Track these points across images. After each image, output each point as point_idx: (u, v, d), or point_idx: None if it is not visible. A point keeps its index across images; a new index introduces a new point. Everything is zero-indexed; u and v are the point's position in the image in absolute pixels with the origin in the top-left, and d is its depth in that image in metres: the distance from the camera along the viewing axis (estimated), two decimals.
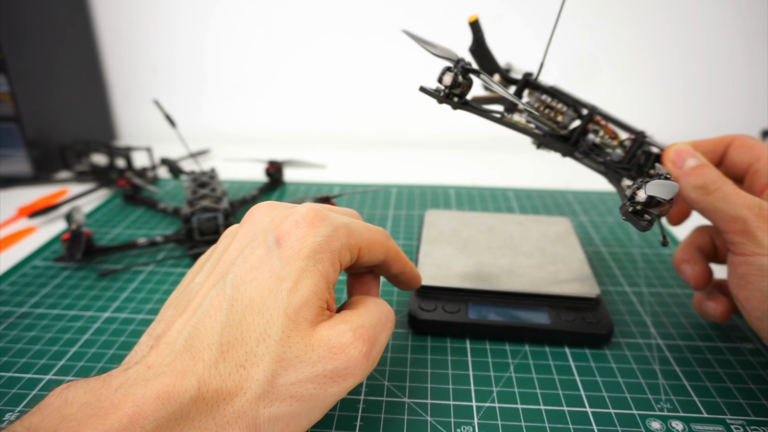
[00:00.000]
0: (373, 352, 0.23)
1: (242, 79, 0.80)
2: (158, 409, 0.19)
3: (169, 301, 0.26)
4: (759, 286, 0.26)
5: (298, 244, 0.23)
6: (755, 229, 0.26)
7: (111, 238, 0.49)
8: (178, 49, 0.78)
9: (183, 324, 0.22)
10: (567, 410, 0.29)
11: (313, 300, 0.23)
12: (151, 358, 0.21)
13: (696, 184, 0.29)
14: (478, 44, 0.32)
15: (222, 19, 0.76)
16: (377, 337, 0.24)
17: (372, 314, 0.25)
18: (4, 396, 0.30)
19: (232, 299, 0.22)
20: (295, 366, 0.22)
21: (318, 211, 0.25)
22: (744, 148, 0.31)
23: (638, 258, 0.45)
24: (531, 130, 0.33)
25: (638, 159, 0.33)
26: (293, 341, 0.22)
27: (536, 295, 0.36)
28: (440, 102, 0.30)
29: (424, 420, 0.28)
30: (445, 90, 0.30)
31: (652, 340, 0.35)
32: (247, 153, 0.68)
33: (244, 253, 0.24)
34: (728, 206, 0.27)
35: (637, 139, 0.32)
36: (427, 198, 0.58)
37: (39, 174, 0.63)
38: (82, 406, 0.19)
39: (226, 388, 0.21)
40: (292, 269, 0.23)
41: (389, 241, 0.28)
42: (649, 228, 0.27)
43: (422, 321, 0.34)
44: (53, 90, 0.67)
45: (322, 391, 0.22)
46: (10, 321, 0.36)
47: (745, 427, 0.28)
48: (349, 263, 0.26)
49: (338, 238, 0.24)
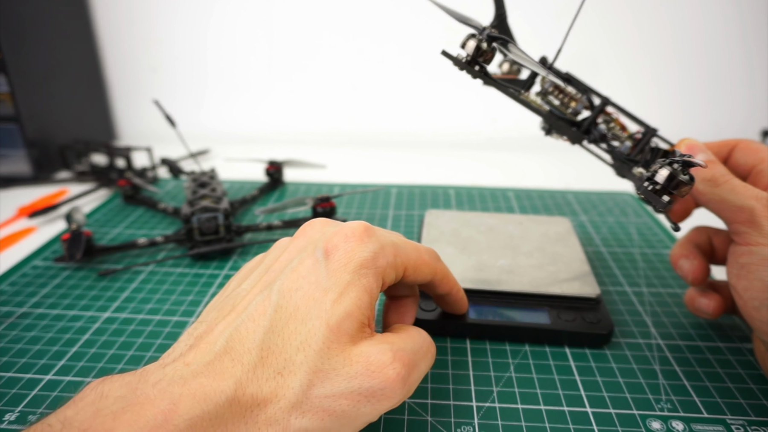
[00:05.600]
0: (411, 377, 0.23)
1: (242, 79, 0.80)
2: (193, 407, 0.19)
3: (212, 304, 0.26)
4: (759, 276, 0.27)
5: (345, 257, 0.24)
6: (762, 218, 0.27)
7: (111, 238, 0.49)
8: (178, 49, 0.78)
9: (226, 325, 0.22)
10: (567, 410, 0.29)
11: (356, 314, 0.23)
12: (190, 356, 0.21)
13: (705, 176, 0.29)
14: (500, 20, 0.30)
15: (222, 18, 0.76)
16: (417, 363, 0.24)
17: (414, 341, 0.25)
18: (4, 396, 0.30)
19: (277, 305, 0.23)
20: (331, 378, 0.21)
21: (368, 227, 0.25)
22: (748, 151, 0.31)
23: (638, 258, 0.45)
24: (544, 111, 0.32)
25: (645, 154, 0.32)
26: (332, 353, 0.22)
27: (536, 295, 0.36)
28: (461, 68, 0.29)
29: (424, 420, 0.28)
30: (468, 57, 0.29)
31: (653, 340, 0.35)
32: (247, 153, 0.68)
33: (293, 263, 0.25)
34: (736, 197, 0.28)
35: (648, 132, 0.32)
36: (427, 198, 0.58)
37: (39, 174, 0.63)
38: (117, 400, 0.19)
39: (261, 394, 0.21)
40: (338, 281, 0.23)
41: (438, 263, 0.28)
42: (669, 208, 0.27)
43: (422, 321, 0.34)
44: (53, 90, 0.67)
45: (355, 409, 0.22)
46: (10, 321, 0.36)
47: (746, 427, 0.28)
48: (394, 281, 0.26)
49: (385, 255, 0.25)
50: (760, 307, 0.27)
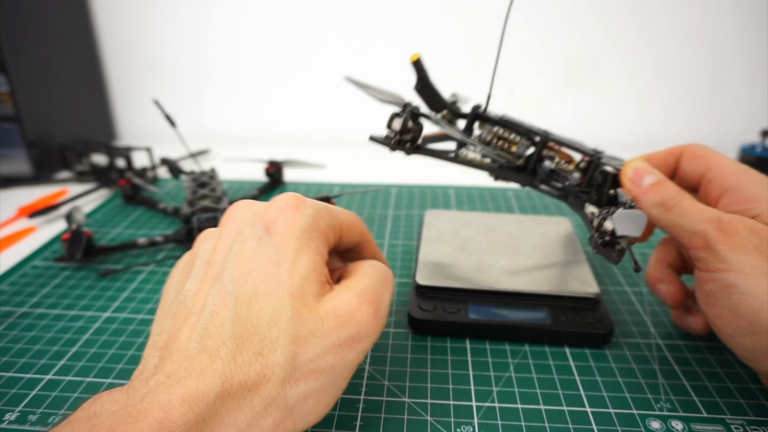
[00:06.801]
0: (380, 312, 0.24)
1: (242, 79, 0.80)
2: (186, 412, 0.19)
3: (161, 314, 0.25)
4: (727, 304, 0.26)
5: (287, 227, 0.24)
6: (716, 243, 0.26)
7: (111, 238, 0.49)
8: (178, 49, 0.78)
9: (191, 329, 0.22)
10: (567, 410, 0.29)
11: (313, 275, 0.23)
12: (168, 367, 0.21)
13: (655, 201, 0.28)
14: (422, 83, 0.32)
15: (222, 19, 0.76)
16: (381, 297, 0.24)
17: (371, 277, 0.25)
18: (4, 396, 0.30)
19: (235, 293, 0.23)
20: (310, 341, 0.22)
21: (298, 196, 0.26)
22: (694, 158, 0.30)
23: (638, 258, 0.45)
24: (486, 164, 0.33)
25: (595, 180, 0.32)
26: (303, 318, 0.22)
27: (536, 295, 0.36)
28: (392, 149, 0.30)
29: (424, 420, 0.28)
30: (396, 136, 0.29)
31: (652, 340, 0.35)
32: (247, 153, 0.68)
33: (234, 248, 0.24)
34: (688, 221, 0.27)
35: (593, 160, 0.32)
36: (427, 198, 0.58)
37: (39, 174, 0.63)
38: (110, 415, 0.19)
39: (249, 379, 0.21)
40: (287, 251, 0.23)
41: (362, 225, 0.29)
42: (620, 259, 0.27)
43: (422, 321, 0.34)
44: (53, 90, 0.67)
45: (342, 359, 0.23)
46: (10, 321, 0.36)
47: (745, 426, 0.28)
48: (335, 243, 0.27)
49: (323, 218, 0.25)
50: (734, 335, 0.26)
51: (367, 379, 0.31)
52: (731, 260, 0.25)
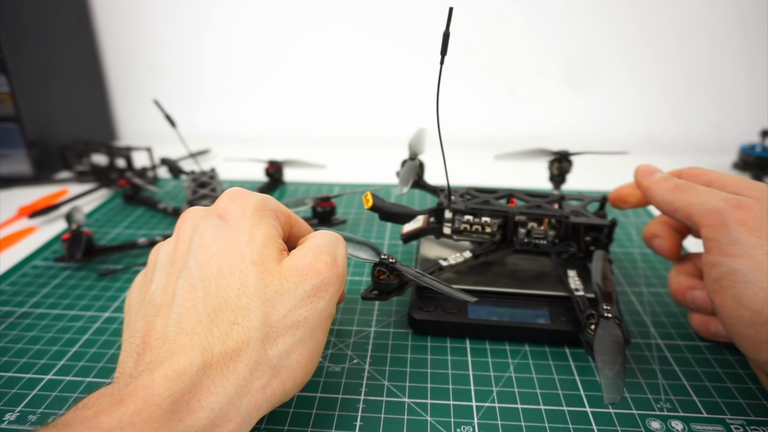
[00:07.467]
0: (338, 261, 0.26)
1: (242, 79, 0.80)
2: (170, 386, 0.20)
3: (131, 317, 0.26)
4: (732, 293, 0.26)
5: (240, 210, 0.26)
6: (730, 221, 0.26)
7: (111, 238, 0.49)
8: (178, 49, 0.78)
9: (165, 318, 0.23)
10: (567, 410, 0.29)
11: (270, 243, 0.25)
12: (147, 357, 0.22)
13: (669, 186, 0.30)
14: (382, 213, 0.35)
15: (222, 19, 0.76)
16: (335, 250, 0.26)
17: (321, 238, 0.27)
18: (4, 396, 0.30)
19: (202, 276, 0.24)
20: (279, 300, 0.23)
21: (242, 188, 0.28)
22: (694, 177, 0.31)
23: (638, 258, 0.45)
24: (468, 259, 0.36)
25: (569, 232, 0.35)
26: (268, 280, 0.24)
27: (536, 295, 0.36)
28: (385, 300, 0.33)
29: (424, 420, 0.28)
30: (381, 284, 0.32)
31: (652, 340, 0.35)
32: (247, 153, 0.68)
33: (195, 240, 0.26)
34: (703, 200, 0.28)
35: (562, 222, 0.35)
36: (427, 198, 0.58)
37: (39, 174, 0.63)
38: (96, 402, 0.20)
39: (229, 348, 0.22)
40: (244, 228, 0.25)
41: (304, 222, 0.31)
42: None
43: (422, 321, 0.34)
44: (53, 90, 0.67)
45: (313, 310, 0.24)
46: (10, 321, 0.36)
47: (745, 426, 0.28)
48: (286, 229, 0.28)
49: (271, 201, 0.27)
50: (736, 324, 0.26)
51: (367, 379, 0.31)
52: (744, 242, 0.26)
